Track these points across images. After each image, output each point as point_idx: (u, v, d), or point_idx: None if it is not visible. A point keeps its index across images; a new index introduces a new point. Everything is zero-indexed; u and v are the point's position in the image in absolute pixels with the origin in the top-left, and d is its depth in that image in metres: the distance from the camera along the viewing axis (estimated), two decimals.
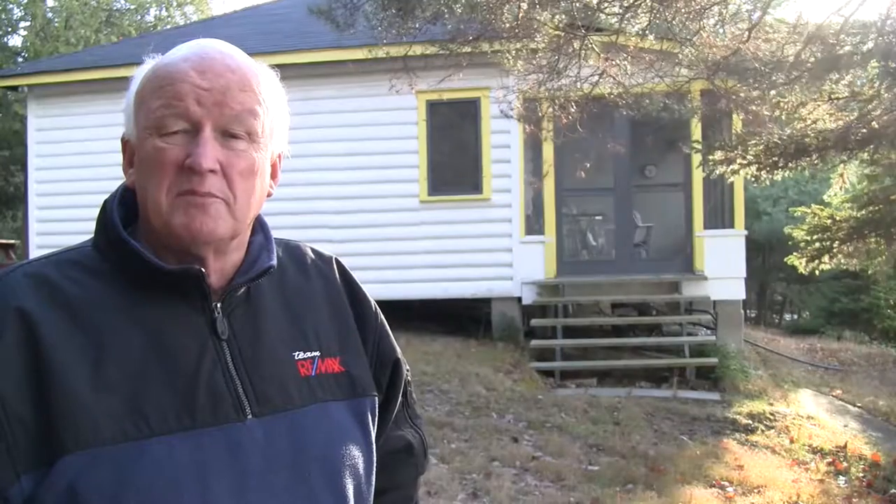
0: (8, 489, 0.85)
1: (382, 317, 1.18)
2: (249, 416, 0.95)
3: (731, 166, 5.36)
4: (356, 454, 1.02)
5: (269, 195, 1.03)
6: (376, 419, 1.09)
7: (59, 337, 0.90)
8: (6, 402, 0.86)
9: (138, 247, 0.95)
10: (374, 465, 1.07)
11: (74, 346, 0.90)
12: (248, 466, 0.92)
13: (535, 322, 8.88)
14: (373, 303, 1.17)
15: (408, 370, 1.21)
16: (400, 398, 1.19)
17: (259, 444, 0.94)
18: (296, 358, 1.02)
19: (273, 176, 1.04)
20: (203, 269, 0.95)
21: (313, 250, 1.15)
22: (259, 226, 1.06)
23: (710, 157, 5.50)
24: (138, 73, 0.99)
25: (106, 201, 1.01)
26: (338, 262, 1.16)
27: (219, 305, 0.98)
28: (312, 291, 1.09)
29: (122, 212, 1.00)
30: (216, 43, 0.99)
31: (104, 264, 0.97)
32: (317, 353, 1.04)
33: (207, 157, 0.92)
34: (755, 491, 5.00)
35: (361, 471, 1.03)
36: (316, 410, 1.00)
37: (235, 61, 0.97)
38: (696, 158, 6.83)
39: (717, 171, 5.64)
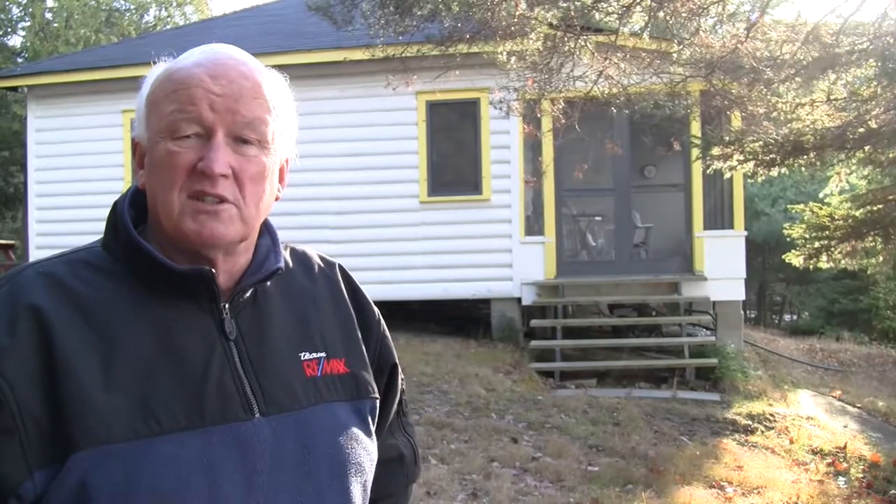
0: (21, 485, 0.86)
1: (383, 322, 1.20)
2: (257, 415, 0.96)
3: (729, 162, 5.36)
4: (361, 453, 1.04)
5: (276, 199, 1.04)
6: (375, 421, 1.11)
7: (71, 336, 0.91)
8: (20, 400, 0.87)
9: (149, 247, 0.96)
10: (375, 464, 1.07)
11: (86, 345, 0.91)
12: (256, 465, 0.93)
13: (534, 323, 8.87)
14: (375, 308, 1.19)
15: (402, 378, 1.23)
16: (395, 406, 1.21)
17: (267, 443, 0.95)
18: (302, 358, 1.03)
19: (280, 180, 1.05)
20: (213, 271, 0.97)
21: (318, 255, 1.17)
22: (265, 228, 1.07)
23: (709, 153, 5.51)
24: (150, 76, 1.00)
25: (116, 202, 1.02)
26: (341, 268, 1.18)
27: (227, 306, 0.99)
28: (318, 294, 1.11)
29: (132, 213, 1.01)
30: (228, 49, 1.00)
31: (114, 264, 0.98)
32: (322, 354, 1.05)
33: (220, 161, 0.93)
34: (755, 492, 4.99)
35: (366, 470, 1.04)
36: (321, 410, 1.01)
37: (248, 68, 0.98)
38: (695, 154, 6.82)
39: (715, 167, 5.64)
